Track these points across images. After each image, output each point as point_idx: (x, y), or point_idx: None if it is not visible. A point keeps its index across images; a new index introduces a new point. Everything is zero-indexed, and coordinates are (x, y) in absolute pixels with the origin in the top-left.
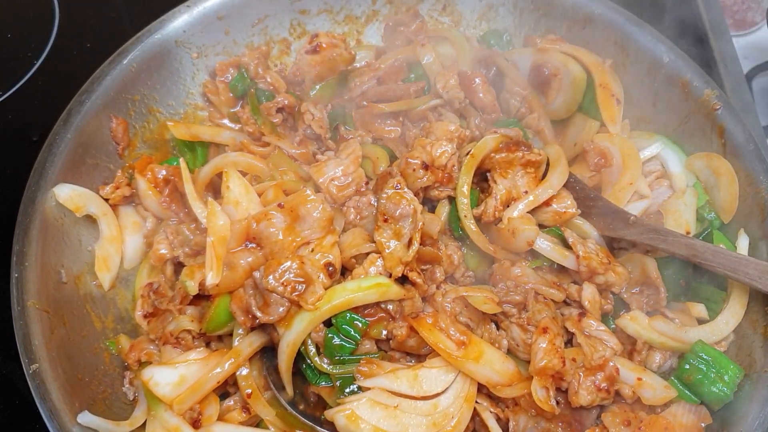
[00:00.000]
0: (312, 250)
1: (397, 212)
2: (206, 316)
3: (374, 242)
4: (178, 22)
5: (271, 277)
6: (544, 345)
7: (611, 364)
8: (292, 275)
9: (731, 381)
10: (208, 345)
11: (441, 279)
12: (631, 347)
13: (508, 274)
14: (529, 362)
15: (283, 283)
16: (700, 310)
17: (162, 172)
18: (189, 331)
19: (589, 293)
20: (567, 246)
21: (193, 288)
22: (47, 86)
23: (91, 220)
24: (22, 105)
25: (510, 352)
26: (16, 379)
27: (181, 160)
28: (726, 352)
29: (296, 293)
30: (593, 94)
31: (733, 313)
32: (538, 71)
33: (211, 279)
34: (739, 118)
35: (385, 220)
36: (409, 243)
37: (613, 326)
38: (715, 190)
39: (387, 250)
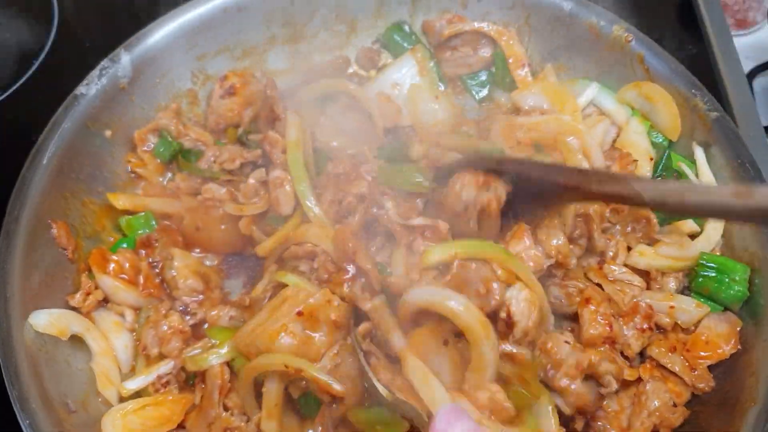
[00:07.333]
0: None
1: None
2: None
3: None
4: (81, 104)
5: None
6: (588, 315)
7: (643, 304)
8: None
9: (742, 279)
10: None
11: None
12: (647, 280)
13: None
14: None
15: None
16: (690, 225)
17: (125, 261)
18: None
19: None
20: None
21: None
22: (47, 86)
23: (71, 339)
24: (22, 105)
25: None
26: None
27: None
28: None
29: None
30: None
31: None
32: None
33: None
34: (652, 43)
35: None
36: None
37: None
38: (653, 115)
39: None
